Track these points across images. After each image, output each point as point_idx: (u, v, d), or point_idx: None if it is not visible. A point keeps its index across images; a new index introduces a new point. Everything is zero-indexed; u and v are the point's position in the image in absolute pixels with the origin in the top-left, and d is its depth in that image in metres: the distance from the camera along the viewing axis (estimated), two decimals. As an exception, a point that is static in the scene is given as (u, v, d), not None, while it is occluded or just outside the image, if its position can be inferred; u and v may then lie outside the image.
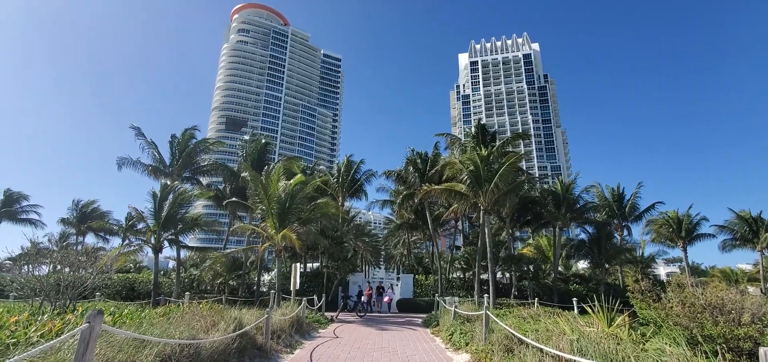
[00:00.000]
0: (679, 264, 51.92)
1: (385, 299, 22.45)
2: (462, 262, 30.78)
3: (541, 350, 5.49)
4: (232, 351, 7.22)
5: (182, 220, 22.48)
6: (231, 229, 22.39)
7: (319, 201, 19.32)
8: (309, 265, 31.84)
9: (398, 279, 25.09)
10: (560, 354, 4.89)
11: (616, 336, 4.94)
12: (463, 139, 30.69)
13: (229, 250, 26.68)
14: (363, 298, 19.84)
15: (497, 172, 20.80)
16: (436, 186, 23.71)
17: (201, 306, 10.01)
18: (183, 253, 28.13)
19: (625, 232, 32.22)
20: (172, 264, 43.11)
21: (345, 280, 24.83)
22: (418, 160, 27.37)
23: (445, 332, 11.31)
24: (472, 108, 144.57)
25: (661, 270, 58.44)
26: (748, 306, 10.76)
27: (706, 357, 3.72)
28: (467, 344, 9.11)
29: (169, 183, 23.50)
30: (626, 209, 31.64)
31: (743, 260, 56.08)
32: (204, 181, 29.88)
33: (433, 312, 17.60)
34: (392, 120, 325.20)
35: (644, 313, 13.03)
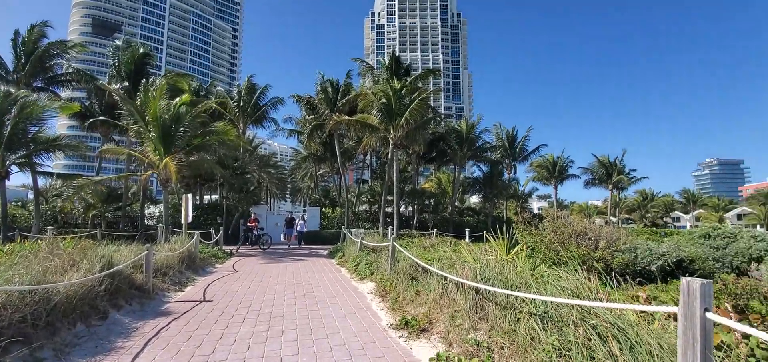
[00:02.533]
0: (548, 199, 61.06)
1: (296, 228, 21.42)
2: (369, 196, 31.47)
3: (445, 278, 5.58)
4: (99, 293, 6.02)
5: (35, 140, 18.21)
6: (99, 152, 18.87)
7: (215, 126, 17.19)
8: (207, 198, 29.28)
9: (305, 211, 24.56)
10: (463, 281, 4.97)
11: (514, 263, 5.20)
12: (376, 69, 29.93)
13: (101, 178, 22.84)
14: (258, 231, 18.40)
15: (409, 107, 20.84)
16: (347, 117, 23.01)
17: (64, 242, 8.23)
18: (43, 181, 23.31)
19: (513, 171, 36.12)
20: (31, 194, 35.79)
21: (247, 213, 23.46)
22: (330, 88, 26.04)
23: (350, 263, 11.33)
24: (386, 39, 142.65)
25: (535, 205, 68.28)
26: (604, 234, 12.86)
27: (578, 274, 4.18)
28: (372, 274, 9.19)
29: (12, 91, 18.55)
30: (517, 150, 35.17)
31: (598, 197, 68.25)
32: (64, 94, 24.42)
33: (338, 244, 17.67)
34: (302, 46, 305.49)
35: (525, 239, 14.80)
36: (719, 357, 2.39)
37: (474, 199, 43.80)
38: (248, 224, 19.05)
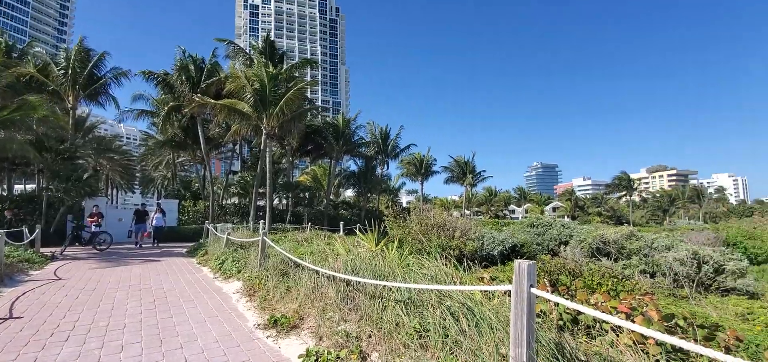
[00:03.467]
0: (416, 194, 66.75)
1: (151, 223, 18.22)
2: (239, 188, 29.26)
3: (318, 272, 5.54)
4: None
5: None
6: None
7: (29, 97, 13.59)
8: (21, 187, 22.97)
9: (159, 204, 21.28)
10: (335, 274, 5.01)
11: (383, 254, 5.47)
12: (249, 51, 27.83)
13: None
14: (92, 227, 15.25)
15: (284, 96, 20.04)
16: (213, 101, 20.86)
17: None
18: None
19: (386, 167, 38.23)
20: None
21: (79, 206, 19.22)
22: (192, 66, 23.14)
23: (214, 261, 10.34)
24: (260, 21, 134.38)
25: (404, 199, 73.80)
26: (459, 225, 14.65)
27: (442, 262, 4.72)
28: (240, 272, 8.56)
29: None
30: (389, 147, 37.28)
31: (456, 192, 77.41)
32: None
33: (200, 241, 15.96)
34: (158, 18, 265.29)
35: (393, 232, 15.81)
36: (539, 322, 2.94)
37: (349, 193, 44.92)
38: (87, 220, 15.64)
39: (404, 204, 57.54)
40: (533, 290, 2.09)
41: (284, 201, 32.70)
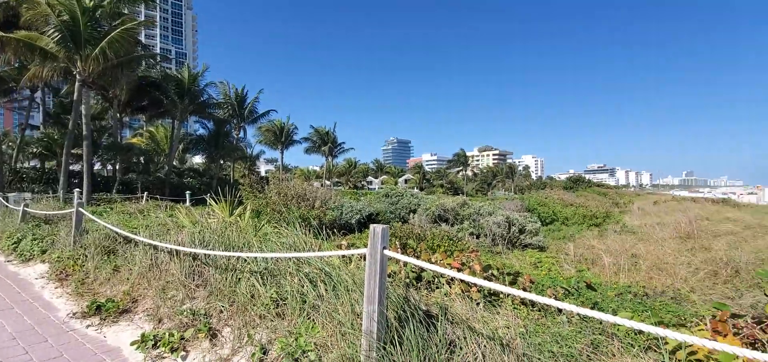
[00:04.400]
0: (275, 163, 64.20)
1: None
2: (41, 147, 22.99)
3: (155, 247, 4.82)
4: None
5: None
6: None
7: None
8: None
9: None
10: (179, 247, 4.45)
11: (238, 225, 5.10)
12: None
13: None
14: None
15: (106, 35, 16.28)
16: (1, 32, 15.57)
17: None
18: None
19: (242, 132, 35.41)
20: None
21: None
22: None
23: (6, 240, 7.95)
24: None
25: (263, 168, 70.22)
26: (320, 195, 14.76)
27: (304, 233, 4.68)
28: (45, 252, 6.81)
29: None
30: (246, 111, 34.53)
31: (317, 163, 77.34)
32: None
33: (-22, 215, 12.03)
34: None
35: (250, 202, 14.95)
36: (390, 281, 3.21)
37: (198, 159, 40.19)
38: None
39: (263, 174, 54.77)
40: (386, 251, 2.25)
41: (110, 167, 27.20)
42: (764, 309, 3.80)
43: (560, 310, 5.16)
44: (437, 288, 5.42)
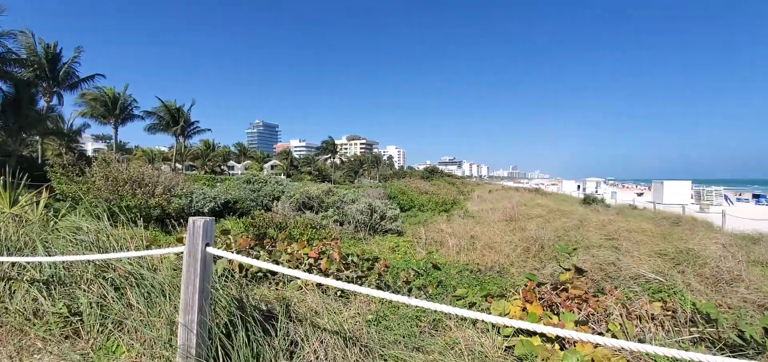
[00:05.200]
0: (108, 141, 53.31)
1: None
2: None
3: None
4: None
5: None
6: None
7: None
8: None
9: None
10: None
11: (21, 217, 3.84)
12: None
13: None
14: None
15: None
16: None
17: None
18: None
19: (56, 100, 28.09)
20: None
21: None
22: None
23: None
24: None
25: (89, 146, 57.55)
26: (163, 180, 12.69)
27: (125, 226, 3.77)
28: None
29: None
30: (60, 73, 27.43)
31: (166, 143, 67.11)
32: None
33: None
34: None
35: (63, 188, 11.93)
36: (226, 280, 2.80)
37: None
38: None
39: (90, 152, 44.80)
40: (209, 249, 1.87)
41: None
42: (559, 277, 4.70)
43: (410, 291, 5.50)
44: (291, 281, 5.14)
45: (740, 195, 48.87)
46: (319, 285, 4.88)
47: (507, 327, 3.82)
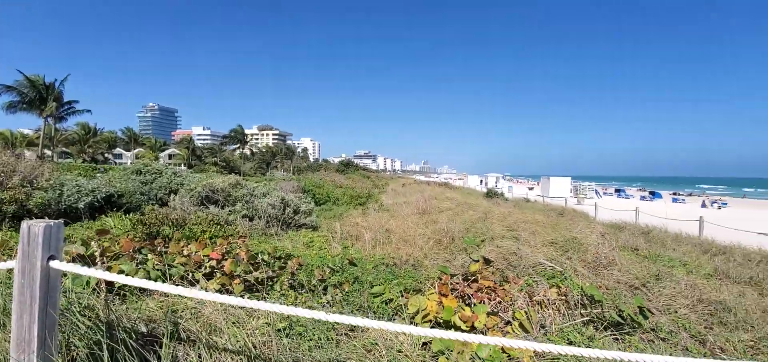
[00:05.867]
0: (-56, 119, 42.53)
1: None
2: None
3: None
4: None
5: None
6: None
7: None
8: None
9: None
10: None
11: None
12: None
13: None
14: None
15: None
16: None
17: None
18: None
19: None
20: None
21: None
22: None
23: None
24: None
25: None
26: (21, 169, 10.41)
27: None
28: None
29: None
30: None
31: (31, 125, 55.84)
32: None
33: None
34: None
35: None
36: (90, 295, 2.23)
37: None
38: None
39: None
40: (54, 264, 1.40)
41: None
42: (469, 268, 4.87)
43: (325, 289, 5.24)
44: (191, 284, 4.51)
45: (606, 189, 58.18)
46: (222, 288, 4.35)
47: (425, 321, 3.82)
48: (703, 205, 37.31)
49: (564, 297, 4.36)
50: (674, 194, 55.15)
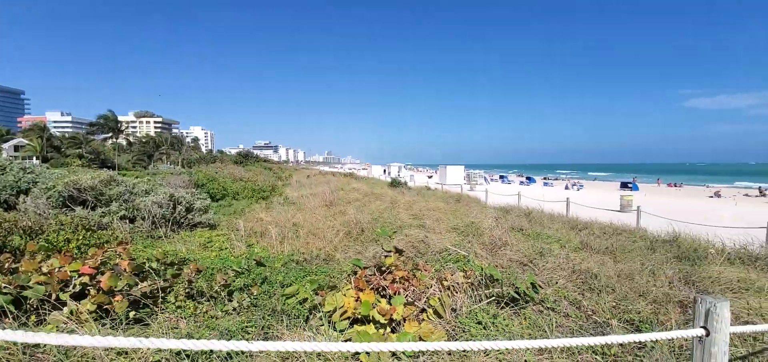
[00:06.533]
0: None
1: None
2: None
3: None
4: None
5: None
6: None
7: None
8: None
9: None
10: None
11: None
12: None
13: None
14: None
15: None
16: None
17: None
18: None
19: None
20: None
21: None
22: None
23: None
24: None
25: None
26: None
27: None
28: None
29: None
30: None
31: None
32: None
33: None
34: None
35: None
36: None
37: None
38: None
39: None
40: None
41: None
42: (383, 260, 4.92)
43: (231, 295, 4.78)
44: (56, 308, 3.70)
45: (493, 176, 65.16)
46: (99, 309, 3.64)
47: (343, 318, 3.73)
48: (567, 188, 44.33)
49: (469, 280, 4.70)
50: (545, 179, 64.44)
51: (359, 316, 3.62)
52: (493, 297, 4.38)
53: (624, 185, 43.94)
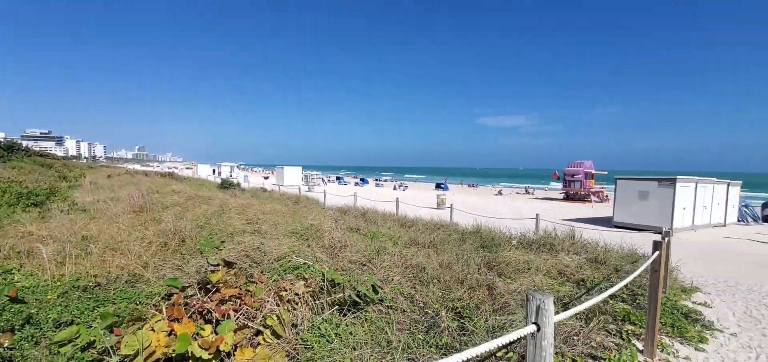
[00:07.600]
0: None
1: None
2: None
3: None
4: None
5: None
6: None
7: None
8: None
9: None
10: None
11: None
12: None
13: None
14: None
15: None
16: None
17: None
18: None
19: None
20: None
21: None
22: None
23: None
24: None
25: None
26: None
27: None
28: None
29: None
30: None
31: None
32: None
33: None
34: None
35: None
36: None
37: None
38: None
39: None
40: None
41: None
42: (208, 276, 4.15)
43: None
44: None
45: (330, 177, 66.82)
46: None
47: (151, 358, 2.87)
48: (395, 188, 49.13)
49: (310, 288, 4.40)
50: (376, 180, 69.94)
51: (173, 355, 2.85)
52: (336, 305, 4.20)
53: (438, 186, 51.55)
